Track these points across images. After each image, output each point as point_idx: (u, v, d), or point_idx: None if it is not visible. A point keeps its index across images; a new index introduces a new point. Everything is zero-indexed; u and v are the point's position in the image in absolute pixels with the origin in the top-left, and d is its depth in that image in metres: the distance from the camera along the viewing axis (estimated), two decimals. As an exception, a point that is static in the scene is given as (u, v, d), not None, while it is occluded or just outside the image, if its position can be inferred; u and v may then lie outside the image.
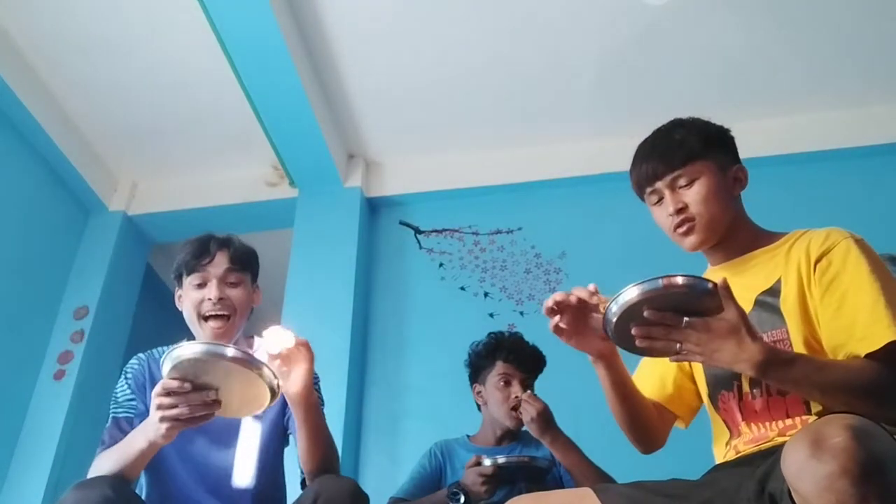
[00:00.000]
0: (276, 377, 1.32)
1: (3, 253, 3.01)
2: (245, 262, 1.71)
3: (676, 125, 1.43)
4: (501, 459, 1.85)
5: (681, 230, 1.36)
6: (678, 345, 1.12)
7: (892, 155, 3.08)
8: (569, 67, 3.08)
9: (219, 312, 1.63)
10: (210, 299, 1.63)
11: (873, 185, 3.04)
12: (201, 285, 1.66)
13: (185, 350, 1.26)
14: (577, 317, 1.29)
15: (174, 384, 1.29)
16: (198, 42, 2.91)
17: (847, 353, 1.19)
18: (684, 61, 3.02)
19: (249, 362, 1.27)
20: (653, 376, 1.49)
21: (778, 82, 3.10)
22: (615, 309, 1.12)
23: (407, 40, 2.99)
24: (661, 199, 1.39)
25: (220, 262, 1.67)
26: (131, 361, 1.72)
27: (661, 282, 1.10)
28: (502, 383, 2.05)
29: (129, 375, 1.68)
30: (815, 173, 3.12)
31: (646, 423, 1.44)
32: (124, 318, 3.51)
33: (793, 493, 0.94)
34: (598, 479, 1.83)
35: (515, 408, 1.97)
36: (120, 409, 1.63)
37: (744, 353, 1.11)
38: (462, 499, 1.82)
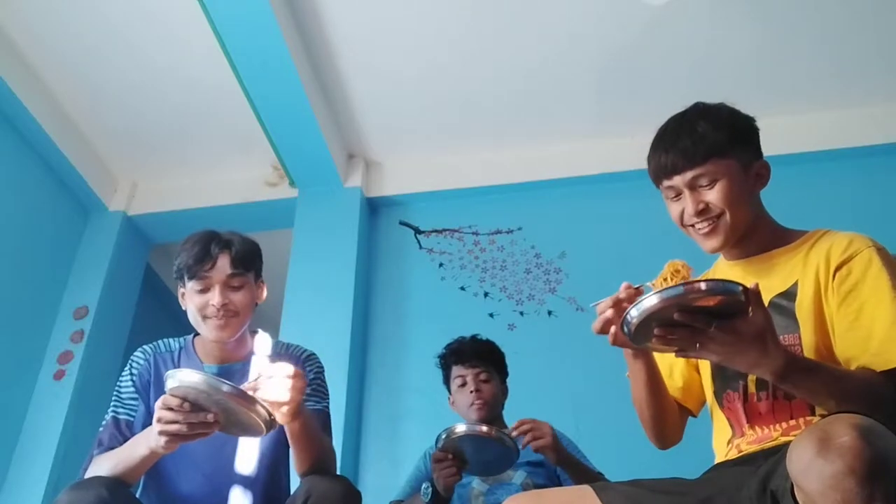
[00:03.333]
0: (269, 414, 1.35)
1: (3, 253, 3.01)
2: (248, 263, 1.68)
3: (702, 113, 1.35)
4: (461, 427, 1.82)
5: (703, 231, 1.32)
6: (696, 344, 1.10)
7: (892, 155, 3.08)
8: (569, 67, 3.08)
9: (222, 319, 1.62)
10: (213, 305, 1.61)
11: (873, 185, 3.04)
12: (204, 290, 1.63)
13: (186, 376, 1.31)
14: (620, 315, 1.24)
15: (175, 402, 1.33)
16: (198, 42, 2.91)
17: (860, 366, 1.18)
18: (684, 61, 3.02)
19: (244, 399, 1.31)
20: (662, 371, 1.45)
21: (778, 82, 3.10)
22: (635, 313, 1.09)
23: (407, 41, 2.99)
24: (678, 195, 1.34)
25: (223, 267, 1.64)
26: (136, 355, 1.71)
27: (682, 288, 1.07)
28: (459, 386, 2.12)
29: (134, 371, 1.67)
30: (816, 173, 3.12)
31: (669, 419, 1.43)
32: (124, 318, 3.51)
33: (797, 492, 0.93)
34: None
35: (472, 403, 2.05)
36: (121, 409, 1.63)
37: (765, 359, 1.09)
38: (430, 490, 1.82)
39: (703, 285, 1.07)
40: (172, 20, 2.90)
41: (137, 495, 1.60)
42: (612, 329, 1.21)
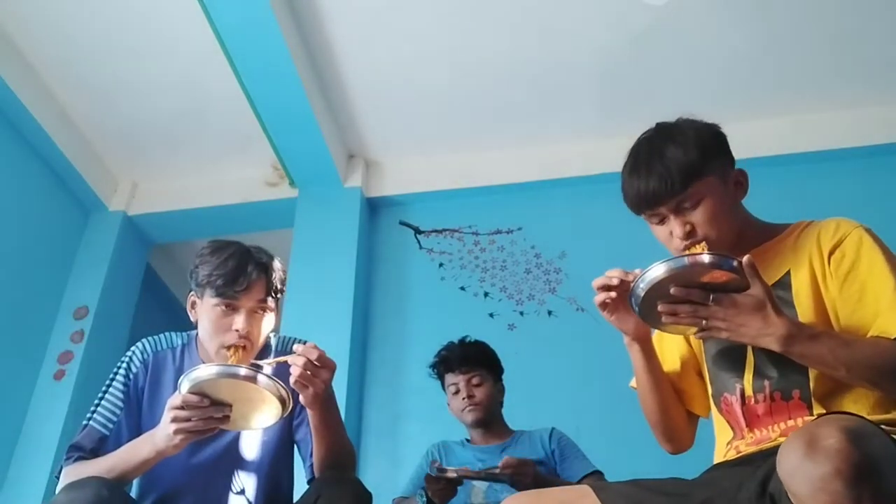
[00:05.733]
0: (287, 393, 1.37)
1: (3, 253, 3.01)
2: (279, 290, 1.61)
3: (667, 138, 1.32)
4: (452, 473, 1.85)
5: (694, 250, 1.30)
6: (703, 321, 1.15)
7: (892, 155, 3.08)
8: (569, 67, 3.08)
9: (239, 349, 1.53)
10: (237, 330, 1.53)
11: (873, 185, 3.04)
12: (229, 312, 1.54)
13: (202, 372, 1.33)
14: (621, 295, 1.29)
15: (194, 399, 1.34)
16: (198, 42, 2.91)
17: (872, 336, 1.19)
18: (684, 61, 3.02)
19: (259, 380, 1.34)
20: (668, 376, 1.46)
21: (778, 82, 3.10)
22: (642, 285, 1.16)
23: (407, 40, 2.99)
24: (662, 220, 1.33)
25: (257, 293, 1.55)
26: (134, 354, 1.65)
27: (686, 259, 1.15)
28: (452, 392, 2.13)
29: (131, 374, 1.62)
30: (815, 173, 3.12)
31: (675, 417, 1.43)
32: (124, 318, 3.51)
33: (788, 494, 0.94)
34: None
35: (466, 408, 2.07)
36: (100, 419, 1.57)
37: (769, 328, 1.13)
38: (424, 499, 1.83)
39: (706, 257, 1.15)
40: (172, 20, 2.90)
41: (134, 496, 1.59)
42: (604, 296, 1.28)
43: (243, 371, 1.33)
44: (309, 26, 2.92)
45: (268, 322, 1.61)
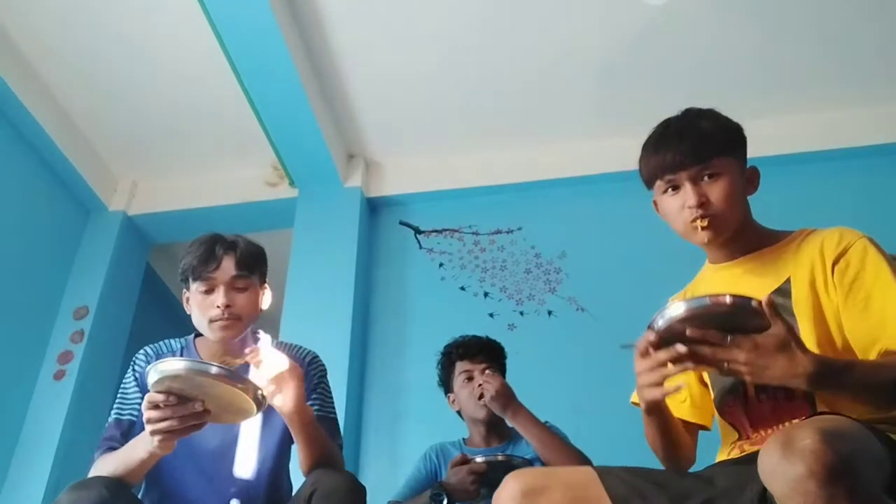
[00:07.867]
0: (260, 391, 1.36)
1: (3, 253, 3.01)
2: (252, 265, 1.68)
3: (700, 115, 1.38)
4: (479, 459, 1.87)
5: (701, 222, 1.31)
6: (725, 363, 1.09)
7: (892, 155, 3.08)
8: (569, 67, 3.08)
9: (226, 320, 1.61)
10: (218, 307, 1.61)
11: (873, 185, 3.04)
12: (208, 291, 1.63)
13: (169, 366, 1.29)
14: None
15: (160, 398, 1.31)
16: (198, 42, 2.91)
17: (880, 349, 1.19)
18: (684, 61, 3.02)
19: (232, 379, 1.30)
20: (676, 396, 1.43)
21: (778, 82, 3.11)
22: (661, 323, 1.11)
23: (407, 40, 2.99)
24: (676, 189, 1.34)
25: (227, 268, 1.64)
26: (138, 356, 1.71)
27: (707, 300, 1.08)
28: (465, 380, 2.11)
29: (137, 370, 1.67)
30: (815, 173, 3.12)
31: (683, 449, 1.41)
32: (124, 318, 3.51)
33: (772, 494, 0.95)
34: (564, 450, 1.91)
35: (480, 396, 2.02)
36: (125, 409, 1.63)
37: (796, 368, 1.07)
38: (445, 500, 1.83)
39: (727, 298, 1.08)
40: (173, 20, 2.90)
41: (140, 495, 1.60)
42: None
43: (214, 369, 1.30)
44: (309, 26, 2.92)
45: (251, 297, 1.66)
